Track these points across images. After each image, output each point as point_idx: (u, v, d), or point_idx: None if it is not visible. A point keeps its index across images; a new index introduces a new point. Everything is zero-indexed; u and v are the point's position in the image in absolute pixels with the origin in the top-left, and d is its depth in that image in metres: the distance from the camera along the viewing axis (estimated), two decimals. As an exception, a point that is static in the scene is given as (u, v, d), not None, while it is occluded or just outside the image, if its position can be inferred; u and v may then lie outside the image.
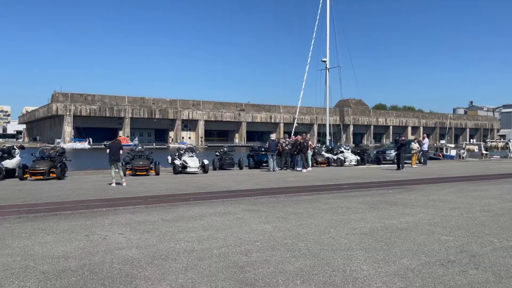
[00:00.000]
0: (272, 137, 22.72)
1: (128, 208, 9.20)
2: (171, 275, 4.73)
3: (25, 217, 8.10)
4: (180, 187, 13.47)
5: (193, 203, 10.01)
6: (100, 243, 6.08)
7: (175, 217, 8.09)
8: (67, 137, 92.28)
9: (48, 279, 4.54)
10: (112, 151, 14.30)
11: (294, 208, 9.20)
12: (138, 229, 7.01)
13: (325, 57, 36.12)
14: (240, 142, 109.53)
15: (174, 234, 6.67)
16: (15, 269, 4.85)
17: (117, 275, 4.69)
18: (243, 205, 9.67)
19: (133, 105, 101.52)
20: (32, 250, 5.68)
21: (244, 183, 14.99)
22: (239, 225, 7.37)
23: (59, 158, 17.47)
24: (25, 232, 6.78)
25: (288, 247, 5.94)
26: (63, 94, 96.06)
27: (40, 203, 9.96)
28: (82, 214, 8.49)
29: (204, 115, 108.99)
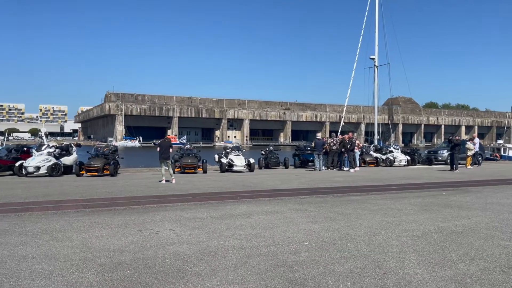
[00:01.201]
0: (318, 136, 22.43)
1: (178, 205, 9.43)
2: (221, 271, 4.79)
3: (82, 212, 8.52)
4: (227, 185, 13.64)
5: (240, 201, 10.10)
6: (152, 238, 6.27)
7: (223, 215, 8.20)
8: (119, 135, 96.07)
9: (105, 271, 4.74)
10: (162, 150, 14.72)
11: (342, 209, 9.05)
12: (188, 226, 7.17)
13: (374, 54, 35.23)
14: (285, 141, 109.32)
15: (223, 231, 6.76)
16: (75, 261, 5.11)
17: (169, 270, 4.82)
18: (290, 204, 9.63)
19: (181, 105, 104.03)
20: (90, 243, 5.95)
21: (290, 182, 14.94)
22: (286, 224, 7.35)
23: (112, 156, 18.21)
24: (83, 225, 7.12)
25: (337, 247, 5.85)
26: (115, 94, 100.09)
27: (95, 199, 10.43)
28: (134, 209, 8.80)
29: (249, 114, 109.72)
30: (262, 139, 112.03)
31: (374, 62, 35.21)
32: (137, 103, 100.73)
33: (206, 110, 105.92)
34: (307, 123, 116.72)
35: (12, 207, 9.02)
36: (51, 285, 4.28)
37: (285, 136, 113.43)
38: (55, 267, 4.86)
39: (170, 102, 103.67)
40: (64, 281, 4.42)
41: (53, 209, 8.79)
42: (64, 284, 4.32)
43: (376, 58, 35.19)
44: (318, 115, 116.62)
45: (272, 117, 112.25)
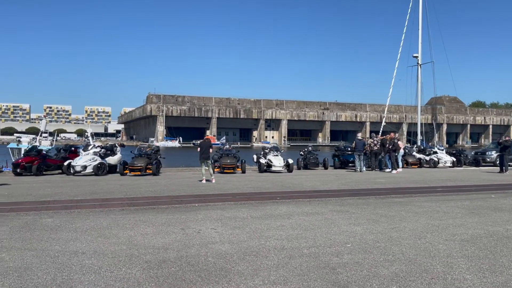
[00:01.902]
0: (359, 137, 21.91)
1: (218, 204, 9.54)
2: (263, 271, 4.80)
3: (127, 210, 8.79)
4: (266, 186, 13.66)
5: (280, 201, 10.08)
6: (194, 237, 6.37)
7: (263, 215, 8.21)
8: (160, 136, 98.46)
9: (151, 268, 4.86)
10: (202, 150, 14.95)
11: (385, 211, 8.84)
12: (229, 225, 7.23)
13: (417, 52, 34.18)
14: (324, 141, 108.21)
15: (264, 232, 6.77)
16: (122, 257, 5.28)
17: (212, 268, 4.88)
18: (330, 205, 9.52)
19: (220, 106, 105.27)
20: (135, 240, 6.13)
21: (330, 183, 14.76)
22: (328, 226, 7.27)
23: (155, 156, 18.69)
24: (129, 223, 7.34)
25: (381, 250, 5.72)
26: (157, 95, 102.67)
27: (139, 197, 10.74)
28: (177, 208, 8.98)
29: (287, 114, 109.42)
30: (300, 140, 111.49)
31: (417, 60, 34.16)
32: (177, 104, 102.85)
33: (244, 111, 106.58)
34: (346, 123, 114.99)
35: (62, 204, 9.44)
36: (100, 280, 4.44)
37: (324, 137, 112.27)
38: (104, 262, 5.04)
39: (209, 103, 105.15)
40: (112, 276, 4.57)
41: (100, 207, 9.13)
42: (113, 279, 4.47)
43: (419, 56, 34.14)
44: (358, 115, 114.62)
45: (310, 117, 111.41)
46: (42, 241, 6.04)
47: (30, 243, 5.90)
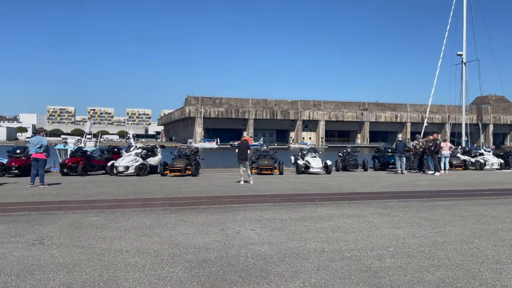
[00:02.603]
0: (400, 137, 21.37)
1: (257, 205, 9.57)
2: (304, 273, 4.76)
3: (168, 209, 8.98)
4: (304, 187, 13.57)
5: (319, 203, 9.98)
6: (234, 238, 6.42)
7: (302, 217, 8.16)
8: (198, 137, 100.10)
9: (192, 267, 4.94)
10: (240, 151, 15.05)
11: (429, 214, 8.56)
12: (268, 226, 7.24)
13: (461, 50, 32.93)
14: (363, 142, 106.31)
15: (303, 233, 6.72)
16: (164, 256, 5.40)
17: (252, 269, 4.90)
18: (371, 208, 9.33)
19: (256, 107, 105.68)
20: (177, 240, 6.25)
21: (370, 185, 14.46)
22: (369, 229, 7.12)
23: (194, 157, 19.01)
24: (170, 223, 7.50)
25: (426, 255, 5.54)
26: (195, 98, 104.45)
27: (179, 197, 10.95)
28: (216, 209, 9.09)
29: (325, 115, 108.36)
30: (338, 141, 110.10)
31: (462, 59, 32.90)
32: (215, 106, 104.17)
33: (281, 112, 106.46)
34: (386, 124, 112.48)
35: (107, 203, 9.77)
36: (144, 278, 4.56)
37: (363, 137, 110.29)
38: (147, 261, 5.17)
39: (246, 104, 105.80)
40: (155, 274, 4.68)
41: (142, 206, 9.38)
42: (156, 278, 4.57)
43: (463, 55, 32.85)
44: (398, 115, 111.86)
45: (348, 118, 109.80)
46: (88, 239, 6.28)
47: (77, 241, 6.14)
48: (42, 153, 13.44)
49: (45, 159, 13.79)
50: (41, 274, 4.62)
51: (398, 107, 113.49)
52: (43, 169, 13.66)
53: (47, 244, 5.94)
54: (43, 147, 13.50)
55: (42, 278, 4.50)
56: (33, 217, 7.99)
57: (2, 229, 6.87)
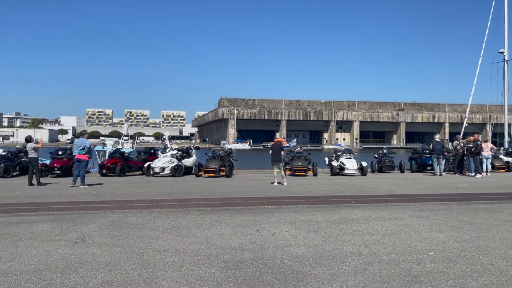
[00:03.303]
0: (437, 138, 20.69)
1: (291, 207, 9.53)
2: (341, 276, 4.70)
3: (204, 210, 9.09)
4: (339, 189, 13.40)
5: (355, 205, 9.83)
6: (269, 239, 6.42)
7: (338, 219, 8.06)
8: (231, 138, 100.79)
9: (228, 268, 4.98)
10: (274, 152, 15.03)
11: (471, 218, 8.25)
12: (303, 228, 7.19)
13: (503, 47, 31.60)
14: (399, 143, 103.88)
15: (339, 236, 6.64)
16: (201, 256, 5.46)
17: (288, 271, 4.88)
18: (409, 210, 9.09)
19: (289, 108, 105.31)
20: (212, 240, 6.32)
21: (407, 187, 14.11)
22: (407, 232, 6.95)
23: (227, 158, 19.15)
24: (206, 223, 7.59)
25: (468, 260, 5.35)
26: (228, 99, 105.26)
27: (214, 198, 11.06)
28: (250, 210, 9.11)
29: (359, 115, 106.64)
30: (373, 142, 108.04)
31: (504, 56, 31.58)
32: (248, 107, 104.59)
33: (314, 113, 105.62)
34: (423, 124, 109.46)
35: (144, 204, 10.00)
36: (182, 278, 4.63)
37: (399, 138, 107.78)
38: (185, 261, 5.25)
39: (278, 105, 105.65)
40: (193, 274, 4.75)
41: (178, 206, 9.54)
42: (194, 277, 4.64)
43: (505, 52, 31.54)
44: (435, 115, 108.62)
45: (383, 118, 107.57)
46: (128, 238, 6.44)
47: (117, 240, 6.32)
48: (85, 154, 13.94)
49: (87, 160, 14.29)
50: (84, 272, 4.79)
51: (436, 107, 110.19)
52: (84, 170, 14.14)
53: (88, 242, 6.14)
54: (86, 149, 13.99)
55: (85, 276, 4.66)
56: (75, 216, 8.28)
57: (46, 227, 7.17)
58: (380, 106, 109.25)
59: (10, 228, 7.07)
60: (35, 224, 7.46)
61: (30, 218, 8.04)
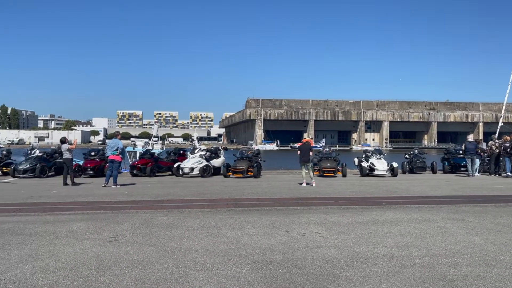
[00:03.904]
0: (470, 138, 20.13)
1: (321, 208, 9.44)
2: (373, 279, 4.62)
3: (233, 210, 9.13)
4: (369, 190, 13.19)
5: (386, 207, 9.65)
6: (299, 240, 6.38)
7: (369, 220, 7.93)
8: (258, 139, 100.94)
9: (259, 269, 4.98)
10: (302, 153, 14.94)
11: (508, 220, 7.95)
12: (334, 230, 7.11)
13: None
14: (430, 143, 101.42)
15: (370, 238, 6.53)
16: (231, 256, 5.49)
17: (319, 273, 4.84)
18: (443, 212, 8.85)
19: (317, 108, 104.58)
20: (242, 241, 6.34)
21: (440, 188, 13.74)
22: (441, 234, 6.76)
23: (255, 159, 19.17)
24: (235, 223, 7.62)
25: (506, 264, 5.16)
26: (255, 100, 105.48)
27: (243, 199, 11.09)
28: (279, 211, 9.09)
29: (389, 115, 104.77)
30: (403, 142, 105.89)
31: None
32: (275, 108, 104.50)
33: (343, 113, 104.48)
34: (455, 124, 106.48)
35: (174, 204, 10.14)
36: (213, 277, 4.66)
37: (430, 139, 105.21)
38: (215, 260, 5.29)
39: (306, 106, 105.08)
40: (224, 274, 4.77)
41: (208, 207, 9.62)
42: (224, 277, 4.66)
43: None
44: (469, 115, 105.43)
45: (414, 118, 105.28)
46: (159, 237, 6.55)
47: (149, 239, 6.43)
48: (118, 155, 14.28)
49: (120, 161, 14.62)
50: (117, 270, 4.89)
51: (469, 106, 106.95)
52: (117, 171, 14.47)
53: (121, 241, 6.27)
54: (119, 150, 14.32)
55: (119, 274, 4.76)
56: (108, 215, 8.49)
57: (81, 226, 7.37)
58: (411, 105, 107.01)
59: (47, 227, 7.31)
60: (70, 223, 7.69)
61: (66, 217, 8.29)
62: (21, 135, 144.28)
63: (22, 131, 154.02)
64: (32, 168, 18.50)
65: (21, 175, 18.17)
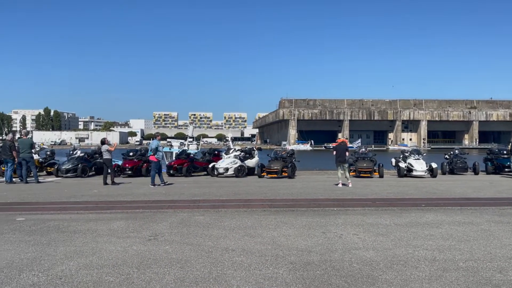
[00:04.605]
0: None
1: (358, 209, 9.29)
2: (414, 282, 4.50)
3: (268, 211, 9.13)
4: (408, 191, 12.86)
5: (426, 209, 9.38)
6: (336, 242, 6.30)
7: (408, 222, 7.74)
8: (292, 139, 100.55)
9: (296, 269, 4.95)
10: (338, 153, 14.76)
11: (559, 224, 7.55)
12: (372, 231, 6.98)
13: None
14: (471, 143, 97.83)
15: (410, 240, 6.37)
16: (268, 256, 5.49)
17: (358, 275, 4.76)
18: (487, 215, 8.50)
19: (352, 108, 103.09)
20: (279, 241, 6.33)
21: (484, 190, 13.21)
22: (485, 238, 6.50)
23: (290, 159, 19.11)
24: (271, 224, 7.62)
25: (558, 270, 4.89)
26: (289, 100, 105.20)
27: (278, 199, 11.08)
28: (315, 212, 9.02)
29: (427, 114, 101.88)
30: (442, 142, 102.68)
31: None
32: (309, 108, 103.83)
33: (378, 112, 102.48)
34: (498, 123, 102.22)
35: (210, 203, 10.26)
36: (251, 277, 4.68)
37: (471, 138, 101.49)
38: (252, 260, 5.30)
39: (340, 105, 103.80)
40: (261, 274, 4.78)
41: (243, 207, 9.67)
42: (262, 277, 4.67)
43: None
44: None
45: (454, 117, 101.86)
46: (196, 236, 6.64)
47: (187, 238, 6.53)
48: (153, 155, 14.63)
49: (155, 161, 14.90)
50: (157, 268, 5.00)
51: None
52: (155, 171, 14.77)
53: (160, 240, 6.40)
54: (153, 150, 14.68)
55: (159, 272, 4.86)
56: (146, 214, 8.69)
57: (122, 225, 7.58)
58: (450, 104, 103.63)
59: (90, 225, 7.57)
60: (111, 221, 7.92)
61: (107, 216, 8.55)
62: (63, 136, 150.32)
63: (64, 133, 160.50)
64: (74, 168, 19.21)
65: (63, 175, 18.90)
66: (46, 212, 8.98)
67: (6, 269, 4.94)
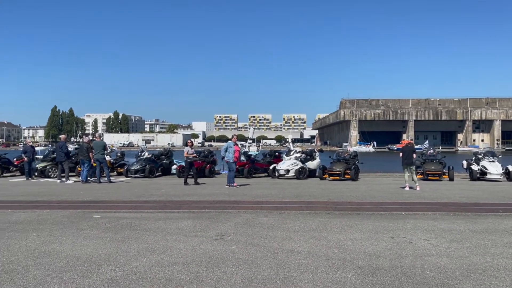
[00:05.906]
0: None
1: (428, 214, 8.87)
2: (496, 294, 4.21)
3: (332, 214, 8.99)
4: (482, 196, 12.07)
5: (504, 215, 8.74)
6: (406, 247, 6.06)
7: (484, 229, 7.26)
8: (353, 140, 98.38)
9: (365, 274, 4.82)
10: (405, 155, 14.21)
11: None
12: (444, 237, 6.63)
13: None
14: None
15: (488, 248, 5.96)
16: (335, 260, 5.40)
17: (432, 283, 4.53)
18: None
19: (417, 107, 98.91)
20: (345, 245, 6.20)
21: None
22: None
23: (353, 161, 18.71)
24: (336, 227, 7.49)
25: None
26: (350, 100, 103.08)
27: (342, 202, 10.87)
28: (382, 215, 8.73)
29: (501, 114, 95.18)
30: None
31: None
32: (371, 108, 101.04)
33: (446, 112, 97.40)
34: None
35: (273, 205, 10.29)
36: (318, 281, 4.62)
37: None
38: (319, 264, 5.24)
39: (405, 105, 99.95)
40: (329, 278, 4.71)
41: (306, 209, 9.60)
42: (329, 281, 4.60)
43: None
44: None
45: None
46: (261, 237, 6.69)
47: (252, 239, 6.60)
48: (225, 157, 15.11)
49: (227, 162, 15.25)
50: (225, 267, 5.10)
51: None
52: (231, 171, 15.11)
53: (226, 240, 6.53)
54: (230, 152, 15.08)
55: (227, 271, 4.95)
56: (212, 214, 8.90)
57: (189, 224, 7.83)
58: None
59: (159, 223, 7.89)
60: (179, 220, 8.21)
61: (175, 215, 8.87)
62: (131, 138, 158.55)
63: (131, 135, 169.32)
64: (142, 169, 20.16)
65: (132, 175, 19.90)
66: (119, 211, 9.50)
67: (87, 263, 5.28)
